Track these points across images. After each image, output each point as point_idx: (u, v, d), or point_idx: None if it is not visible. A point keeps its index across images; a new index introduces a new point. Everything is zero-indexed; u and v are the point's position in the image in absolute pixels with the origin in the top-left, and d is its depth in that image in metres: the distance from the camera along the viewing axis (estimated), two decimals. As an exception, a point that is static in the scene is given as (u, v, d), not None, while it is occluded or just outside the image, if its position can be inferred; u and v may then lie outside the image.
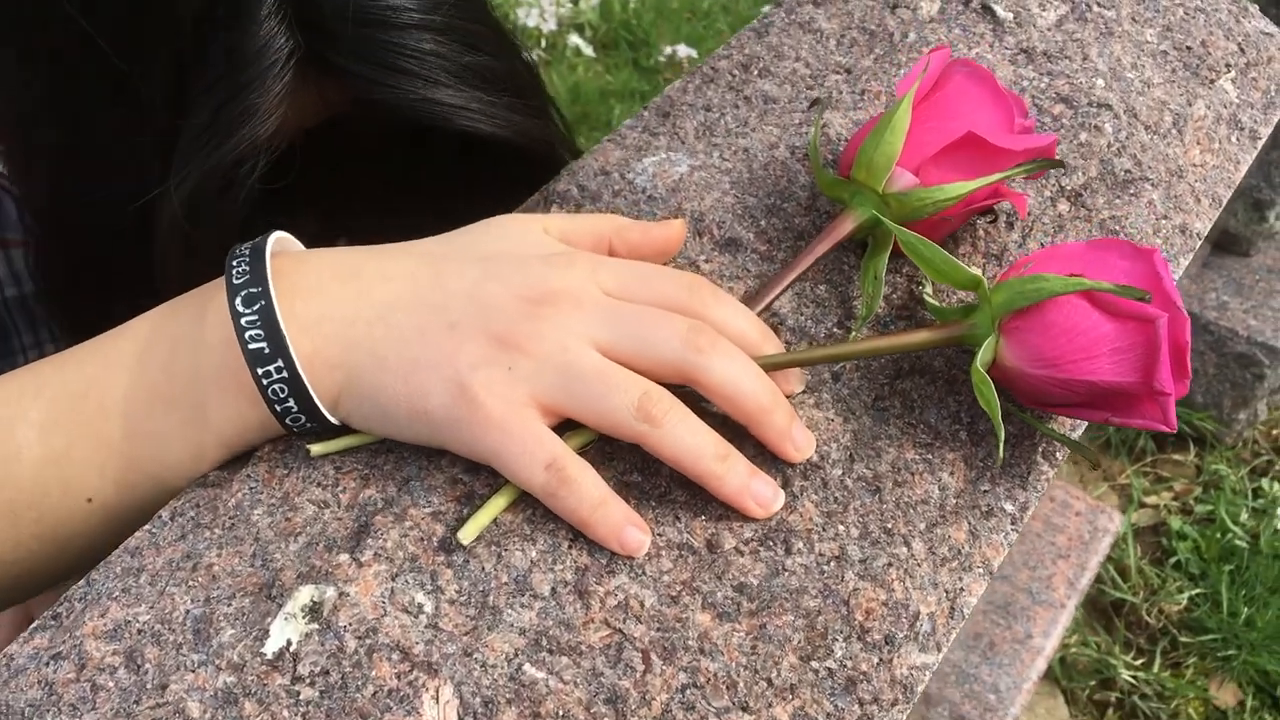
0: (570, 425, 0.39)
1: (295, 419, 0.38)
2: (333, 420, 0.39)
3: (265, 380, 0.37)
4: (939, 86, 0.44)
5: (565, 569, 0.37)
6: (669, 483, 0.40)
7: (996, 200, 0.44)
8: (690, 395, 0.39)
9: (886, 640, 0.36)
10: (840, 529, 0.39)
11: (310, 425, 0.39)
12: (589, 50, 2.06)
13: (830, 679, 0.35)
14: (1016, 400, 0.42)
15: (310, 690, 0.34)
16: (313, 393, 0.37)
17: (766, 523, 0.39)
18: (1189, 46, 0.57)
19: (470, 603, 0.36)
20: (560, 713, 0.34)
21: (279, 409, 0.38)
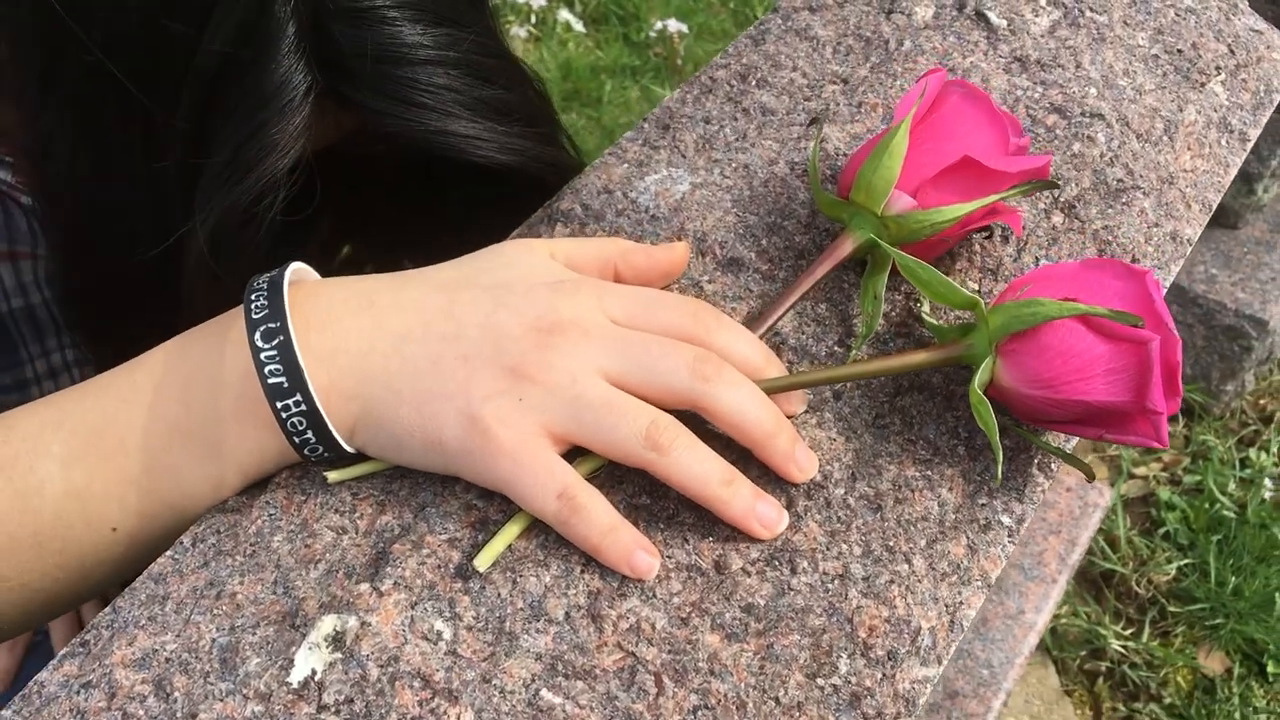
0: (581, 450, 0.40)
1: (313, 449, 0.39)
2: (349, 450, 0.40)
3: (284, 413, 0.38)
4: (935, 108, 0.44)
5: (578, 593, 0.38)
6: (676, 505, 0.41)
7: (993, 218, 0.45)
8: (694, 415, 0.40)
9: (889, 656, 0.38)
10: (843, 548, 0.40)
11: (327, 454, 0.40)
12: (579, 25, 2.05)
13: (836, 695, 0.37)
14: (1013, 416, 0.43)
15: (336, 719, 0.35)
16: (330, 425, 0.38)
17: (772, 543, 0.40)
18: (1180, 50, 0.57)
19: (488, 629, 0.37)
20: (577, 735, 0.35)
21: (297, 440, 0.39)
